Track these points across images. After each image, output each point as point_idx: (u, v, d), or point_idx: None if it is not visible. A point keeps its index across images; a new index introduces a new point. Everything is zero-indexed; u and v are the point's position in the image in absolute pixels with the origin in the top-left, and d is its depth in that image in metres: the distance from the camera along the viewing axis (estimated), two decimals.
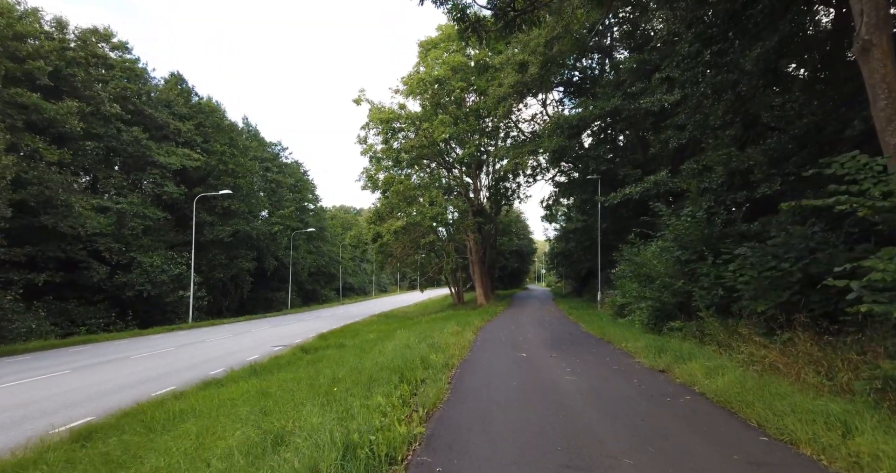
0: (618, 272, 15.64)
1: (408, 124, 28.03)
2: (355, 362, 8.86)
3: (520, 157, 24.59)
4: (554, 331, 13.90)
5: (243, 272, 41.47)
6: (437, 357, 8.33)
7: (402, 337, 12.20)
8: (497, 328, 15.09)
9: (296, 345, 15.96)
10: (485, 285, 31.40)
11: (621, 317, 14.30)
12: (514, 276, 65.20)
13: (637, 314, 11.69)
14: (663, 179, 16.76)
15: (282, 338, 19.69)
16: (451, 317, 20.20)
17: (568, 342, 11.25)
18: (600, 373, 7.45)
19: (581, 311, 19.65)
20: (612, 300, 15.04)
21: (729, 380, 5.90)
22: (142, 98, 34.13)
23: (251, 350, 15.54)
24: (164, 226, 34.85)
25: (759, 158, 9.52)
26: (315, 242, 60.53)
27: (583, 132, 19.99)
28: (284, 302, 49.40)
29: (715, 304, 9.20)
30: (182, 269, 30.36)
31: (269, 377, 8.89)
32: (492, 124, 29.02)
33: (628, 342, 9.93)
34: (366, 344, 13.43)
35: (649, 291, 10.58)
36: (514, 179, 32.68)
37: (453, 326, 13.90)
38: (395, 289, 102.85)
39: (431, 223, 26.08)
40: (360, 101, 28.53)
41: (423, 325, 17.26)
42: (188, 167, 35.19)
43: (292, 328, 25.39)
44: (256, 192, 44.41)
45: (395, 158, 29.51)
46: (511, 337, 12.47)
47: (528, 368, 8.05)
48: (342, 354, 11.74)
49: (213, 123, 41.34)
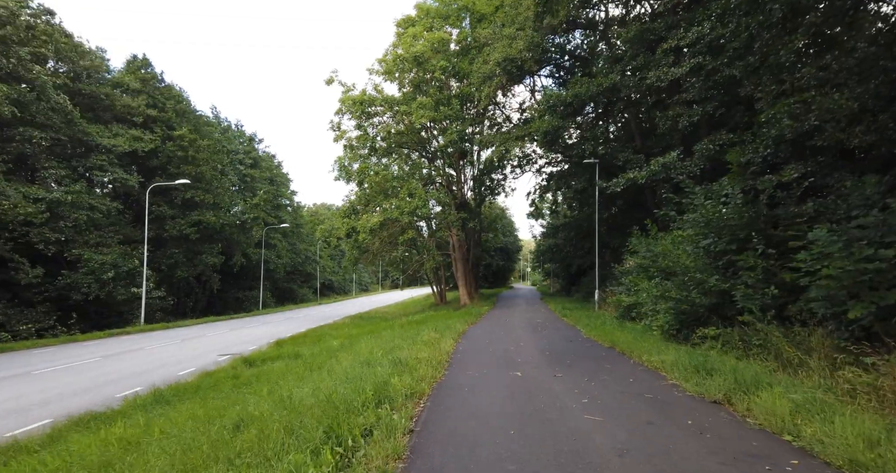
0: (626, 268, 13.54)
1: (385, 108, 25.56)
2: (290, 388, 6.47)
3: (507, 143, 22.35)
4: (550, 337, 11.67)
5: (209, 269, 38.42)
6: (400, 382, 5.99)
7: (366, 348, 9.83)
8: (483, 334, 12.81)
9: (246, 354, 13.47)
10: (469, 284, 29.16)
11: (629, 320, 12.17)
12: (498, 274, 63.12)
13: (655, 318, 9.51)
14: (673, 161, 14.71)
15: (235, 345, 17.12)
16: (430, 319, 17.87)
17: (572, 354, 9.02)
18: (632, 408, 5.20)
19: (576, 312, 17.51)
20: (617, 299, 12.91)
21: (853, 431, 3.71)
22: (89, 78, 30.96)
23: (189, 362, 12.97)
24: (118, 220, 31.77)
25: (850, 105, 6.99)
26: (291, 239, 57.57)
27: (579, 113, 17.78)
28: (257, 302, 46.46)
29: (766, 306, 7.08)
30: (135, 265, 27.34)
31: (167, 410, 6.46)
32: (475, 111, 26.73)
33: (651, 355, 7.75)
34: (323, 355, 11.02)
35: (675, 290, 8.41)
36: (500, 170, 30.45)
37: (430, 332, 11.56)
38: (376, 288, 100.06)
39: (410, 218, 23.67)
40: (332, 81, 25.94)
41: (397, 330, 14.88)
42: (140, 152, 32.01)
43: (254, 331, 22.76)
44: (224, 182, 41.30)
45: (371, 146, 27.02)
46: (500, 347, 10.20)
47: (527, 398, 5.77)
48: (287, 370, 9.33)
49: (179, 109, 38.29)
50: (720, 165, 15.62)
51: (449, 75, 26.60)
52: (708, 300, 8.05)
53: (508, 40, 19.96)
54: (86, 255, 25.26)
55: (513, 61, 19.07)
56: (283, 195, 57.16)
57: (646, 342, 8.87)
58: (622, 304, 12.43)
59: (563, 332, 12.87)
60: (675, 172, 14.67)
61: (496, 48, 20.27)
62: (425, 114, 23.70)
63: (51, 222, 23.85)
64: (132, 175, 31.73)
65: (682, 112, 14.87)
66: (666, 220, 12.10)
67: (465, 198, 30.56)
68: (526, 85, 28.19)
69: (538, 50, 19.50)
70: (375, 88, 26.08)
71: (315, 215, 75.50)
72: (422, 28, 25.61)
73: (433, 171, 27.83)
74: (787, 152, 8.38)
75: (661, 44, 15.10)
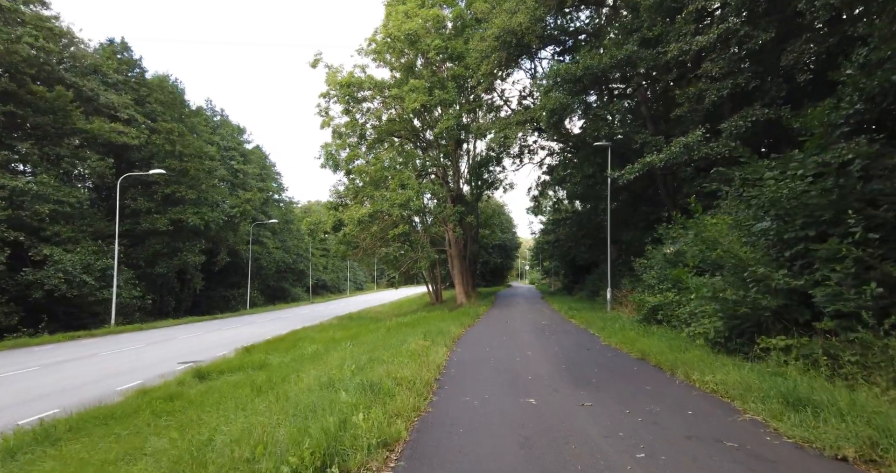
0: (649, 261, 11.74)
1: (374, 91, 23.64)
2: (216, 426, 4.61)
3: (507, 129, 20.47)
4: (563, 344, 9.83)
5: (191, 267, 36.41)
6: (367, 421, 4.13)
7: (336, 361, 7.94)
8: (482, 339, 10.96)
9: (207, 363, 11.60)
10: (465, 283, 27.30)
11: (654, 323, 10.34)
12: (496, 272, 61.33)
13: (700, 324, 7.63)
14: (697, 141, 12.87)
15: (205, 349, 15.23)
16: (421, 321, 16.00)
17: (595, 368, 7.20)
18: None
19: (585, 313, 15.67)
20: (639, 299, 11.07)
21: None
22: (63, 63, 28.93)
23: (139, 372, 11.06)
24: (91, 213, 29.78)
25: None
26: (282, 235, 55.56)
27: (589, 89, 15.87)
28: (246, 301, 44.48)
29: (862, 307, 5.27)
30: (109, 263, 25.36)
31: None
32: (473, 96, 24.83)
33: (702, 372, 5.92)
34: (290, 366, 9.18)
35: (731, 289, 6.54)
36: (498, 161, 28.57)
37: (419, 338, 9.69)
38: (372, 287, 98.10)
39: (402, 211, 21.76)
40: (318, 62, 23.99)
41: (382, 334, 13.02)
42: (119, 144, 30.04)
43: (231, 334, 20.86)
44: (210, 179, 39.29)
45: (361, 134, 25.11)
46: (503, 357, 8.35)
47: (550, 449, 3.90)
48: (237, 388, 7.48)
49: (162, 99, 36.26)
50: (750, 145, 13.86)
51: (444, 58, 24.70)
52: (774, 302, 6.21)
53: (508, 15, 18.11)
54: (50, 251, 23.29)
55: (513, 33, 17.19)
56: (272, 190, 55.12)
57: (687, 352, 7.04)
58: (646, 305, 10.59)
59: (575, 337, 11.03)
60: (699, 154, 12.86)
61: (495, 23, 18.41)
62: (418, 97, 21.79)
63: (13, 212, 21.89)
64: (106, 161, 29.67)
65: (708, 87, 13.06)
66: (689, 205, 10.26)
67: (461, 191, 28.71)
68: (527, 70, 26.46)
69: (540, 24, 17.68)
70: (362, 70, 24.14)
71: (308, 212, 73.43)
72: (414, 4, 23.68)
73: (427, 161, 25.94)
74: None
75: (684, 9, 13.26)
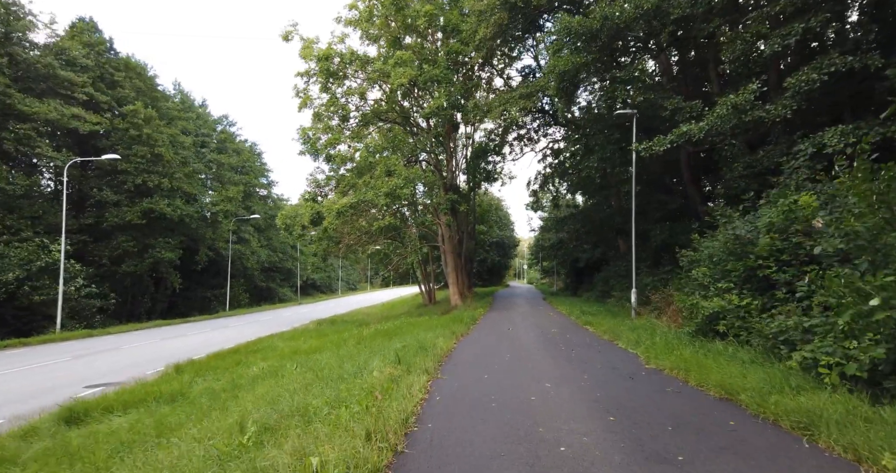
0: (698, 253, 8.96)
1: (356, 64, 20.75)
2: None
3: (509, 104, 17.65)
4: (591, 369, 7.01)
5: (164, 265, 33.42)
6: None
7: (250, 401, 5.12)
8: (477, 360, 8.13)
9: (120, 386, 8.78)
10: (460, 282, 24.48)
11: (713, 336, 7.55)
12: (493, 271, 58.47)
13: (826, 347, 4.76)
14: (749, 101, 10.08)
15: (136, 365, 12.34)
16: (404, 329, 13.10)
17: (664, 420, 4.41)
18: None
19: (602, 319, 12.85)
20: (692, 303, 8.20)
21: None
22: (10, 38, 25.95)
23: (11, 406, 8.20)
24: (43, 206, 26.83)
25: None
26: (268, 233, 52.52)
27: (611, 45, 12.91)
28: (228, 302, 41.51)
29: None
30: (55, 259, 22.41)
31: None
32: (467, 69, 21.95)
33: (891, 450, 3.14)
34: (208, 398, 6.37)
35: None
36: (497, 151, 25.68)
37: (389, 363, 6.85)
38: (366, 287, 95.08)
39: (388, 201, 18.91)
40: (290, 35, 21.04)
41: (350, 346, 10.19)
42: (81, 130, 27.19)
43: (191, 341, 18.05)
44: (185, 168, 36.34)
45: (343, 116, 22.24)
46: (510, 398, 5.51)
47: None
48: (105, 445, 4.67)
49: (136, 85, 33.40)
50: (819, 106, 11.11)
51: (436, 28, 21.89)
52: None
53: None
54: None
55: None
56: (259, 185, 52.07)
57: (812, 396, 4.25)
58: (699, 311, 7.80)
59: (602, 354, 8.22)
60: (753, 117, 10.07)
61: None
62: (405, 72, 18.94)
63: None
64: (61, 152, 26.72)
65: (766, 32, 10.30)
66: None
67: (455, 181, 25.90)
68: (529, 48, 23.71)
69: None
70: (342, 41, 21.25)
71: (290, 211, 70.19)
72: None
73: (418, 146, 23.12)
74: None
75: None
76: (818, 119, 11.27)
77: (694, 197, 17.03)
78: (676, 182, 20.04)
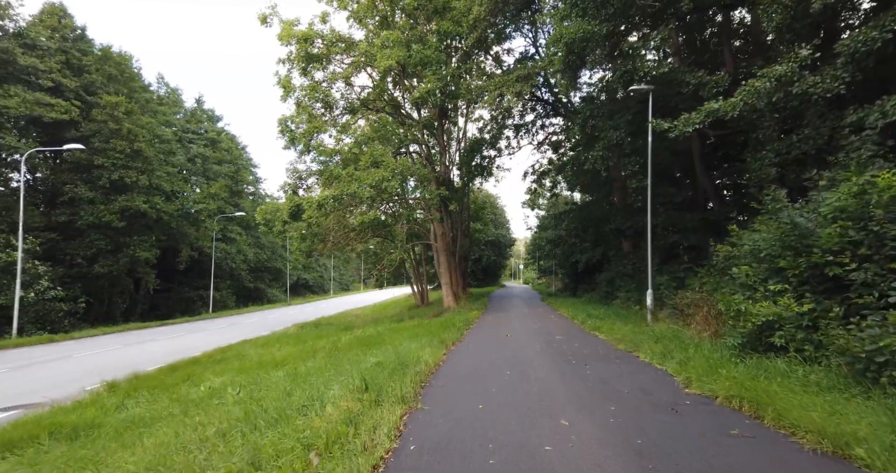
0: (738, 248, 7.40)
1: (341, 48, 19.10)
2: None
3: (506, 87, 16.08)
4: (618, 397, 5.41)
5: (141, 264, 31.58)
6: None
7: (151, 451, 3.51)
8: (470, 382, 6.52)
9: (33, 409, 7.14)
10: (454, 282, 22.88)
11: (769, 351, 5.98)
12: (489, 271, 56.91)
13: None
14: (794, 71, 8.55)
15: (74, 380, 10.61)
16: (386, 337, 11.44)
17: None
18: None
19: (612, 323, 11.30)
20: (737, 308, 6.58)
21: None
22: None
23: None
24: (4, 200, 25.00)
25: None
26: (254, 231, 50.66)
27: (626, 12, 11.24)
28: (215, 303, 39.69)
29: None
30: (12, 259, 20.62)
31: None
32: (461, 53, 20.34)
33: None
34: (121, 434, 4.72)
35: None
36: (493, 144, 24.07)
37: (353, 391, 5.23)
38: (359, 287, 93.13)
39: (372, 193, 17.27)
40: (267, 17, 19.36)
41: (320, 359, 8.56)
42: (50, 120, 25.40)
43: (155, 348, 16.36)
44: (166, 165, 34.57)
45: (326, 103, 20.60)
46: (517, 443, 3.93)
47: None
48: None
49: (109, 73, 31.58)
50: (873, 77, 9.56)
51: (427, 11, 20.26)
52: None
53: None
54: None
55: None
56: (246, 181, 50.20)
57: None
58: (747, 319, 6.23)
59: (628, 373, 6.63)
60: (801, 89, 8.53)
61: None
62: (392, 53, 17.34)
63: None
64: (25, 142, 24.90)
65: None
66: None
67: (448, 175, 24.30)
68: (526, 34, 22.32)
69: None
70: (323, 20, 19.57)
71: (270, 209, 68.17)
72: None
73: (408, 136, 21.49)
74: None
75: None
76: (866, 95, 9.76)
77: (707, 189, 15.55)
78: (683, 175, 18.61)
